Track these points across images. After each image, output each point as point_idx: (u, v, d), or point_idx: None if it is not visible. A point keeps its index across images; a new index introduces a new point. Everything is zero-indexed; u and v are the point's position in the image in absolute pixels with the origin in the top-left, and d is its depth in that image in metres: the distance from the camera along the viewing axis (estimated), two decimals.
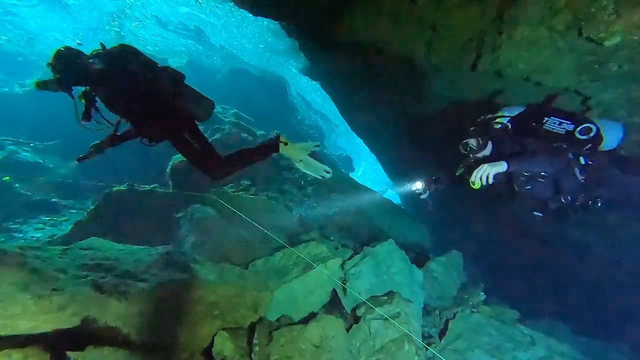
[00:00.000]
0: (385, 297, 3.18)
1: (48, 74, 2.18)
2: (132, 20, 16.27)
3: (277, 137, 2.57)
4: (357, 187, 7.93)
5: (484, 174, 2.37)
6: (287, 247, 3.91)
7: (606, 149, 2.61)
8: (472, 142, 2.80)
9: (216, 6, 14.43)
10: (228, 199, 5.44)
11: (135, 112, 2.25)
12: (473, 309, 3.71)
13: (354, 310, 3.33)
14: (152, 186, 5.52)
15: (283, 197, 6.58)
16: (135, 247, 3.37)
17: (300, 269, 3.54)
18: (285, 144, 2.53)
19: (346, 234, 5.79)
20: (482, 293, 3.95)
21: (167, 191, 5.43)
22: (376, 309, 2.96)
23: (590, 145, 2.50)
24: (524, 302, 5.73)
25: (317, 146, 2.75)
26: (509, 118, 2.80)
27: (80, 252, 2.92)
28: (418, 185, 3.02)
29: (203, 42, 18.21)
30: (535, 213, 2.78)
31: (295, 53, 13.11)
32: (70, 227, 4.56)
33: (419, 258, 4.60)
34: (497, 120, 2.84)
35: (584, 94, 3.42)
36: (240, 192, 5.82)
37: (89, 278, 2.50)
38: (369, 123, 8.71)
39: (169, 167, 6.00)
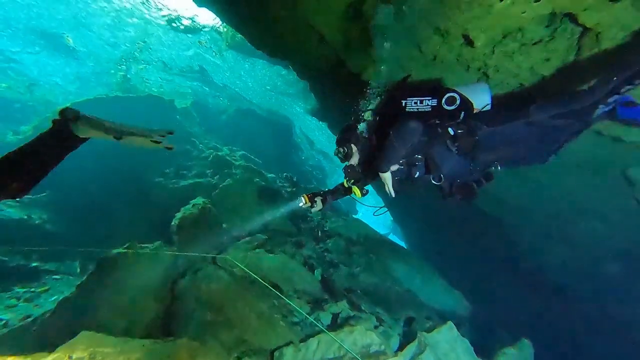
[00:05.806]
0: None
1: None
2: (139, 63, 16.44)
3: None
4: (377, 239, 7.25)
5: None
6: (324, 331, 3.17)
7: (482, 110, 2.35)
8: (339, 151, 2.60)
9: (221, 53, 14.63)
10: (244, 259, 4.73)
11: None
12: None
13: None
14: (155, 244, 4.80)
15: (301, 251, 5.87)
16: (140, 342, 2.62)
17: None
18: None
19: (376, 300, 5.02)
20: None
21: (173, 251, 4.71)
22: None
23: (463, 112, 2.29)
24: None
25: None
26: (371, 112, 2.59)
27: None
28: (303, 201, 2.78)
29: (208, 83, 18.37)
30: (449, 198, 2.56)
31: (304, 93, 13.07)
32: (50, 304, 3.71)
33: (481, 344, 3.78)
34: (364, 119, 2.60)
35: None
36: (256, 250, 5.10)
37: None
38: None
39: (175, 222, 5.33)
